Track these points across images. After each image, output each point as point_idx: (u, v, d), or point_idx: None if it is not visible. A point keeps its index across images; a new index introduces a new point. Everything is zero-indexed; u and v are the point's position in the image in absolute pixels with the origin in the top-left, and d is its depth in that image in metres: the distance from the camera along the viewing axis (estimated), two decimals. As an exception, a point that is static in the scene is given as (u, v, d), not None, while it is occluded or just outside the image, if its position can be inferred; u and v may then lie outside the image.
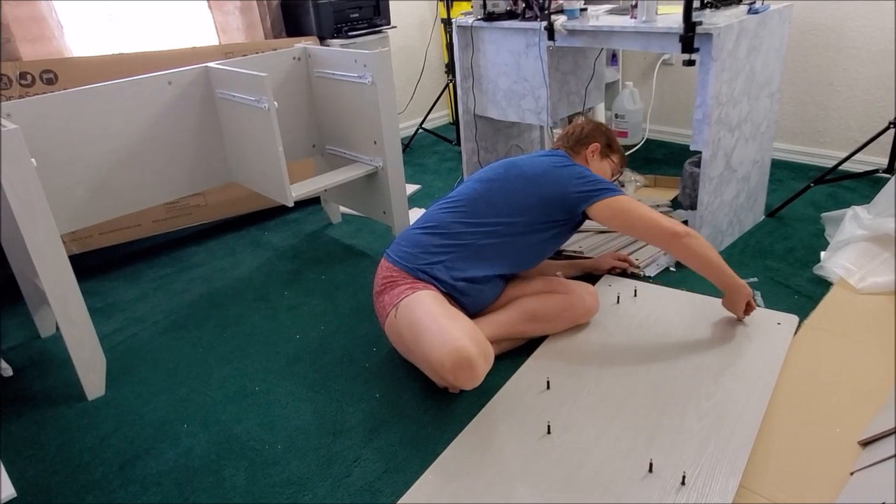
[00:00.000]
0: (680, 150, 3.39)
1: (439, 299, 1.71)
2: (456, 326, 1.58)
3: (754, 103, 2.23)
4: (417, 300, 1.69)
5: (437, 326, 1.58)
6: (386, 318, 1.77)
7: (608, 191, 1.81)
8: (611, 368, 1.77)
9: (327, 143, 2.61)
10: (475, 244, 1.81)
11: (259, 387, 1.85)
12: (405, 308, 1.69)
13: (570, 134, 2.08)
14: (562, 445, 1.52)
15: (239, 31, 2.99)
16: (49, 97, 1.97)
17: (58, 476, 1.58)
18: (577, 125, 2.10)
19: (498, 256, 1.83)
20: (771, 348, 1.78)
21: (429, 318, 1.62)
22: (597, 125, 2.10)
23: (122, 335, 2.16)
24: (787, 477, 1.38)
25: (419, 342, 1.61)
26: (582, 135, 2.06)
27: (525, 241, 1.84)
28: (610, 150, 2.08)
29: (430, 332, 1.59)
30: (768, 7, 2.12)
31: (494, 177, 1.89)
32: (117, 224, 2.62)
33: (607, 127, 2.12)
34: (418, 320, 1.64)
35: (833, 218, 2.39)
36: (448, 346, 1.52)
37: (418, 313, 1.65)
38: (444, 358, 1.52)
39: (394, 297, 1.74)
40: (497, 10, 2.55)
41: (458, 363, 1.50)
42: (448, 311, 1.65)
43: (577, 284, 1.96)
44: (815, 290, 2.07)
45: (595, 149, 2.04)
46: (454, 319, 1.61)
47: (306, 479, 1.51)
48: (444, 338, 1.55)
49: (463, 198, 1.88)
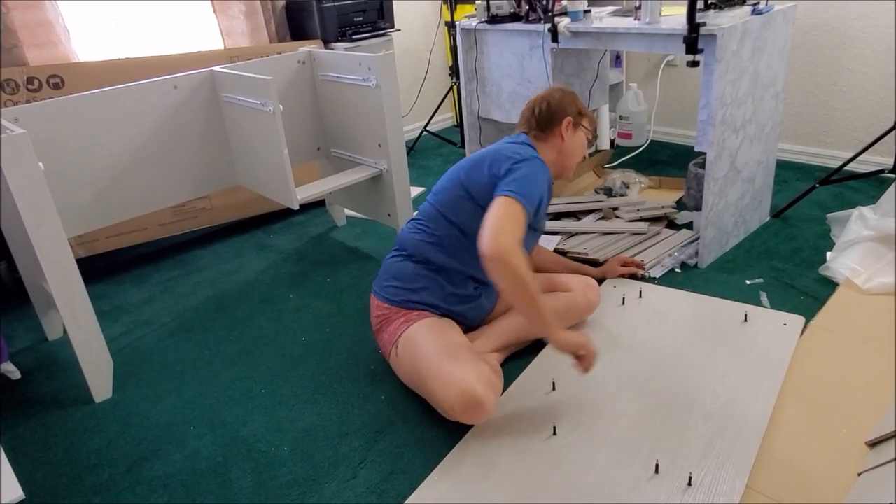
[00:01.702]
0: (684, 152, 3.39)
1: (437, 329, 1.67)
2: (458, 365, 1.53)
3: (759, 104, 2.23)
4: (414, 337, 1.65)
5: (440, 368, 1.55)
6: (389, 356, 1.75)
7: (508, 191, 1.57)
8: (617, 369, 1.77)
9: (332, 146, 2.62)
10: (449, 265, 1.75)
11: (265, 389, 1.85)
12: (405, 345, 1.67)
13: (535, 114, 1.81)
14: (567, 447, 1.52)
15: (244, 35, 3.00)
16: (56, 101, 1.99)
17: (65, 478, 1.58)
18: (538, 100, 1.82)
19: (475, 267, 1.72)
20: (777, 349, 1.77)
21: (430, 358, 1.59)
22: (561, 92, 1.83)
23: (129, 338, 2.17)
24: (794, 478, 1.38)
25: (425, 383, 1.59)
26: (550, 112, 1.79)
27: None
28: (581, 116, 1.84)
29: (433, 374, 1.56)
30: (772, 7, 2.12)
31: (440, 189, 1.80)
32: (124, 227, 2.63)
33: (565, 86, 1.90)
34: (420, 361, 1.61)
35: (839, 218, 2.38)
36: (454, 390, 1.49)
37: (419, 352, 1.62)
38: (452, 401, 1.50)
39: (392, 335, 1.72)
40: (501, 13, 2.55)
41: (467, 406, 1.48)
42: (448, 344, 1.60)
43: (578, 280, 1.95)
44: (821, 290, 2.06)
45: (568, 123, 1.81)
46: (455, 357, 1.56)
47: (312, 480, 1.51)
48: (448, 380, 1.51)
49: (423, 215, 1.81)
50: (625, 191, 2.82)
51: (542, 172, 1.69)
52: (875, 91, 2.79)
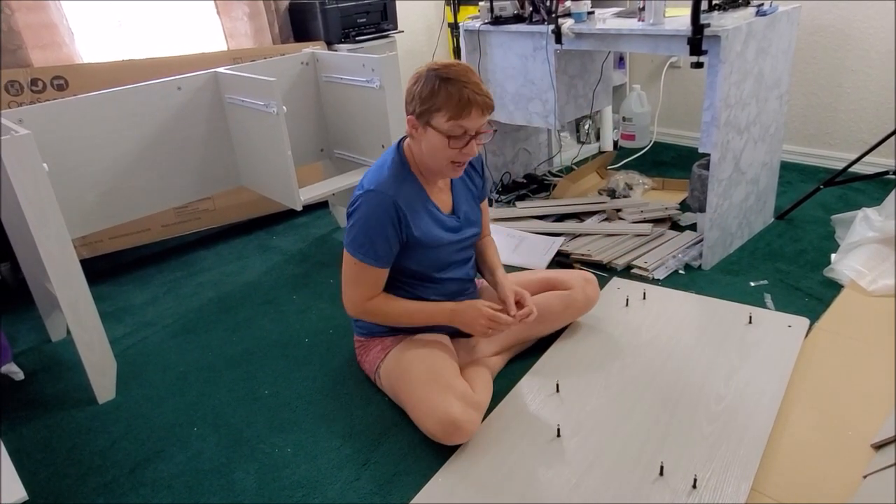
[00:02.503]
0: (688, 153, 3.38)
1: (413, 351, 1.65)
2: (435, 391, 1.53)
3: (763, 105, 2.23)
4: (391, 368, 1.67)
5: (417, 398, 1.55)
6: (375, 383, 1.78)
7: (345, 244, 1.59)
8: (621, 371, 1.76)
9: (335, 147, 2.62)
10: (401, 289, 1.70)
11: (268, 390, 1.85)
12: (385, 376, 1.70)
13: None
14: (571, 449, 1.51)
15: (247, 36, 3.00)
16: (60, 103, 1.99)
17: (69, 479, 1.58)
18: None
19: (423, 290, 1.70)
20: (781, 351, 1.77)
21: (406, 388, 1.60)
22: (426, 73, 1.48)
23: (133, 339, 2.17)
24: (799, 480, 1.37)
25: (408, 412, 1.61)
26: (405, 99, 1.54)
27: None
28: (429, 111, 1.47)
29: (412, 404, 1.58)
30: (777, 9, 2.11)
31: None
32: (127, 229, 2.64)
33: (451, 64, 1.49)
34: (399, 394, 1.64)
35: (843, 220, 2.38)
36: (432, 419, 1.50)
37: (396, 384, 1.64)
38: (432, 430, 1.51)
39: (371, 364, 1.75)
40: (504, 14, 2.55)
41: (447, 432, 1.49)
42: (424, 368, 1.59)
43: (576, 277, 1.92)
44: (826, 292, 2.05)
45: (411, 125, 1.53)
46: (433, 380, 1.55)
47: (316, 481, 1.51)
48: (426, 408, 1.52)
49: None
50: (628, 192, 2.82)
51: (374, 208, 1.53)
52: (879, 92, 2.79)
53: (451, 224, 1.68)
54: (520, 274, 1.99)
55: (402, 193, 1.56)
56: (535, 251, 2.43)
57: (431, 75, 1.46)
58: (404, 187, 1.57)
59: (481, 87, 1.48)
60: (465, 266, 1.77)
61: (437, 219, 1.65)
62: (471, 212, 1.74)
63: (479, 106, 1.47)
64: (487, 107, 1.49)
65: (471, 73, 1.49)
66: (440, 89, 1.45)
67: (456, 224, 1.69)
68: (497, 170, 2.99)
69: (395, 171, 1.58)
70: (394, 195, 1.54)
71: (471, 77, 1.47)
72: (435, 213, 1.64)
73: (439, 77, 1.45)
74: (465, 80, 1.45)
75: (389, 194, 1.53)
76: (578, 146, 3.36)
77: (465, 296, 1.77)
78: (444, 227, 1.66)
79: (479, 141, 1.54)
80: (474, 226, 1.75)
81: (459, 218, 1.70)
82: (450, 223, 1.68)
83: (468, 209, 1.73)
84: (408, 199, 1.57)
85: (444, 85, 1.45)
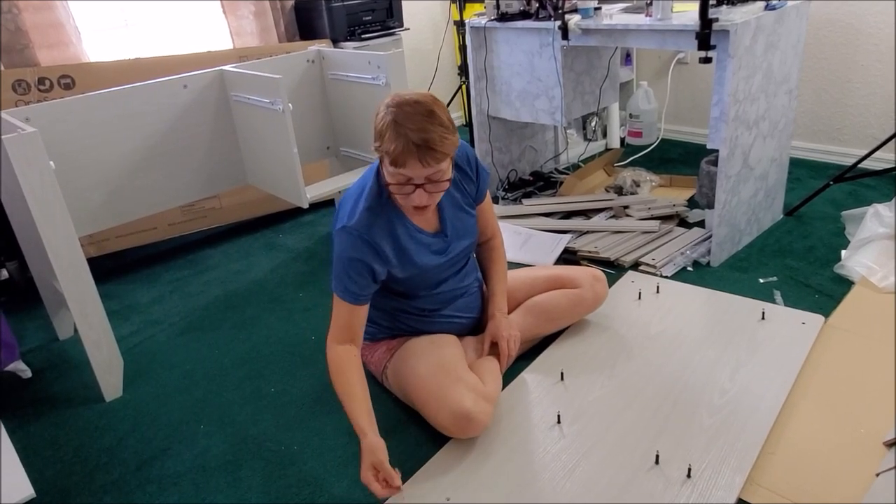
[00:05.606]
0: (696, 150, 3.36)
1: (419, 349, 1.64)
2: (445, 385, 1.52)
3: (772, 100, 2.21)
4: (398, 368, 1.65)
5: (427, 394, 1.55)
6: (382, 383, 1.77)
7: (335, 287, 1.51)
8: (626, 362, 1.76)
9: (341, 145, 2.61)
10: (398, 306, 1.70)
11: (275, 388, 1.85)
12: (392, 376, 1.69)
13: None
14: (570, 435, 1.53)
15: (253, 34, 3.01)
16: (67, 101, 2.00)
17: (76, 477, 1.59)
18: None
19: (421, 302, 1.68)
20: (793, 347, 1.75)
21: (416, 385, 1.58)
22: (375, 110, 1.40)
23: (139, 337, 2.17)
24: (811, 477, 1.36)
25: (419, 409, 1.60)
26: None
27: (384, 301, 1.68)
28: (379, 150, 1.39)
29: (422, 402, 1.57)
30: (786, 3, 2.09)
31: None
32: (134, 227, 2.64)
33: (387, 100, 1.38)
34: (408, 392, 1.62)
35: (853, 216, 2.35)
36: (445, 411, 1.50)
37: (405, 382, 1.62)
38: (444, 423, 1.51)
39: (378, 365, 1.74)
40: (510, 11, 2.54)
41: (460, 425, 1.49)
42: (432, 365, 1.57)
43: (585, 274, 1.90)
44: (837, 289, 2.03)
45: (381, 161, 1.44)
46: (443, 375, 1.54)
47: (322, 479, 1.50)
48: (438, 401, 1.51)
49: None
50: (635, 189, 2.80)
51: (346, 248, 1.47)
52: (889, 88, 2.76)
53: (436, 246, 1.59)
54: (528, 270, 1.98)
55: (378, 225, 1.48)
56: (542, 248, 2.42)
57: (388, 112, 1.35)
58: (380, 219, 1.49)
59: (431, 131, 1.32)
60: (457, 276, 1.72)
61: (421, 243, 1.56)
62: (461, 224, 1.64)
63: (417, 157, 1.32)
64: (434, 157, 1.33)
65: (424, 117, 1.33)
66: (386, 131, 1.34)
67: (442, 245, 1.60)
68: (503, 167, 2.98)
69: (370, 201, 1.48)
70: (366, 233, 1.46)
71: (423, 122, 1.32)
72: (418, 237, 1.55)
73: (391, 116, 1.34)
74: (413, 126, 1.32)
75: (361, 233, 1.46)
76: (585, 143, 3.34)
77: (464, 299, 1.77)
78: (429, 251, 1.58)
79: (430, 191, 1.40)
80: (467, 237, 1.66)
81: (447, 236, 1.61)
82: (435, 245, 1.59)
83: (458, 222, 1.63)
84: (385, 231, 1.50)
85: (391, 127, 1.33)
